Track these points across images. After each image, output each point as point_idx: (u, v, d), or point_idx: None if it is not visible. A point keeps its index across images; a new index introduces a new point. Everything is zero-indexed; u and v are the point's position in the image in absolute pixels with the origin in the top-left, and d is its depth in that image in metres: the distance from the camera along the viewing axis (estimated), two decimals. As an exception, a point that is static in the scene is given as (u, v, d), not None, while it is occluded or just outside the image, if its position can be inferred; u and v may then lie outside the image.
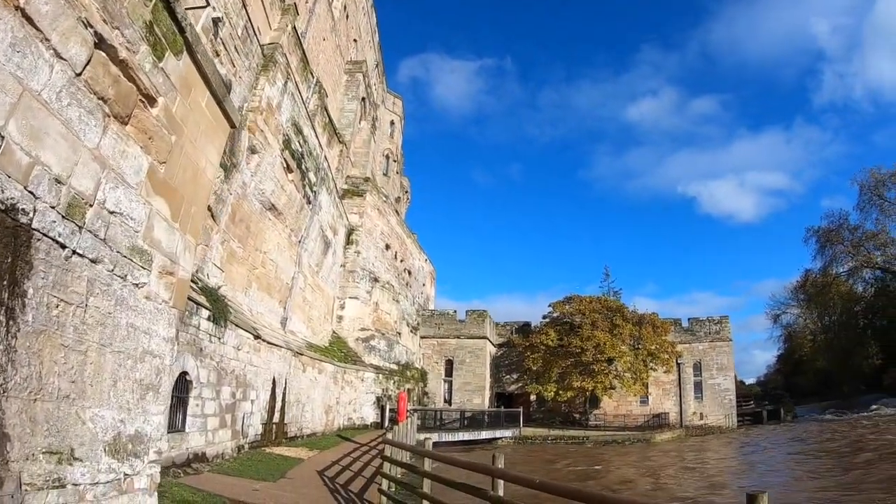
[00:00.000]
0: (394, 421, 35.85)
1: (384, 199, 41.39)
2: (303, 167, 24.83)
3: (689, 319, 53.71)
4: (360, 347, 36.40)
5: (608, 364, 46.60)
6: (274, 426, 20.96)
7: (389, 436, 13.44)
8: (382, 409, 35.85)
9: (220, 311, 15.50)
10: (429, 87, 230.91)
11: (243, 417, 17.78)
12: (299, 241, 25.72)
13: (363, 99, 44.92)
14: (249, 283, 20.61)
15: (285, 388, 22.22)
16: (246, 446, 18.21)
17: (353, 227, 36.86)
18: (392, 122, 55.76)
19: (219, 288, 16.84)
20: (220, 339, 15.62)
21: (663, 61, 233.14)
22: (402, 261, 45.21)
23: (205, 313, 14.63)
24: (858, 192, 72.01)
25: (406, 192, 64.79)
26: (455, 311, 52.53)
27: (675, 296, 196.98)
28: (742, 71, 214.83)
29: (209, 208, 16.62)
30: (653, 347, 47.39)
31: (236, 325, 17.11)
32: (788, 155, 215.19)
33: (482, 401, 49.69)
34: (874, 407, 56.93)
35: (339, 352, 33.06)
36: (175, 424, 13.21)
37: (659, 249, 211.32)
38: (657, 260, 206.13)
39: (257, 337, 19.00)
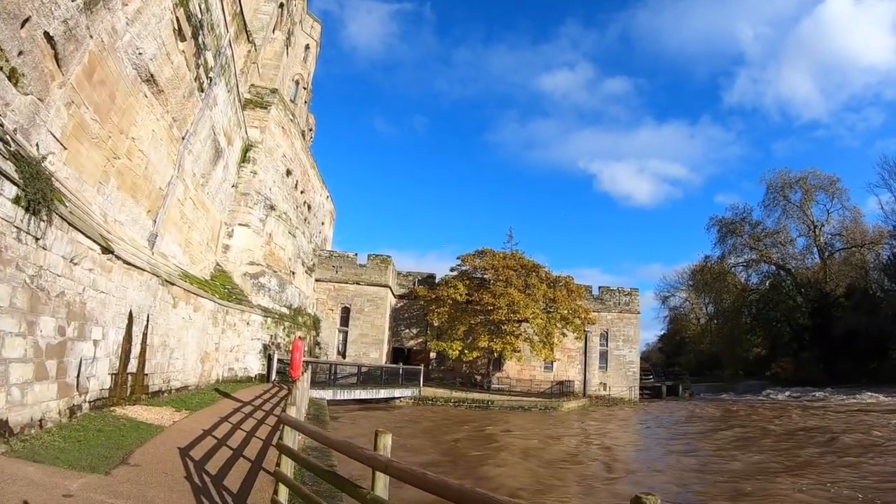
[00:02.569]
0: (283, 374, 30.48)
1: (291, 117, 34.83)
2: (199, 41, 18.45)
3: (599, 288, 51.23)
4: (247, 285, 30.15)
5: (518, 325, 42.90)
6: (129, 377, 14.97)
7: (292, 412, 8.32)
8: (270, 358, 30.20)
9: (41, 193, 9.42)
10: (340, 23, 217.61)
11: (80, 365, 11.80)
12: (183, 138, 19.28)
13: (281, 5, 38.09)
14: (106, 176, 14.33)
15: (147, 327, 16.19)
16: (85, 406, 12.34)
17: (251, 142, 30.22)
18: (307, 47, 48.50)
19: (51, 175, 10.70)
20: (37, 239, 9.61)
21: (583, 37, 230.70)
22: (302, 192, 38.81)
23: (8, 188, 8.70)
24: (766, 190, 76.81)
25: (311, 129, 57.20)
26: (356, 255, 46.96)
27: (564, 268, 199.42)
28: (659, 60, 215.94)
29: (47, 36, 10.45)
30: (566, 311, 44.21)
31: (72, 226, 11.05)
32: (690, 149, 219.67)
33: (380, 355, 44.85)
34: (767, 392, 58.99)
35: (221, 288, 26.82)
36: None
37: (553, 220, 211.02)
38: (551, 231, 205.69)
39: (107, 251, 12.93)
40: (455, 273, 49.03)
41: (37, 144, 10.55)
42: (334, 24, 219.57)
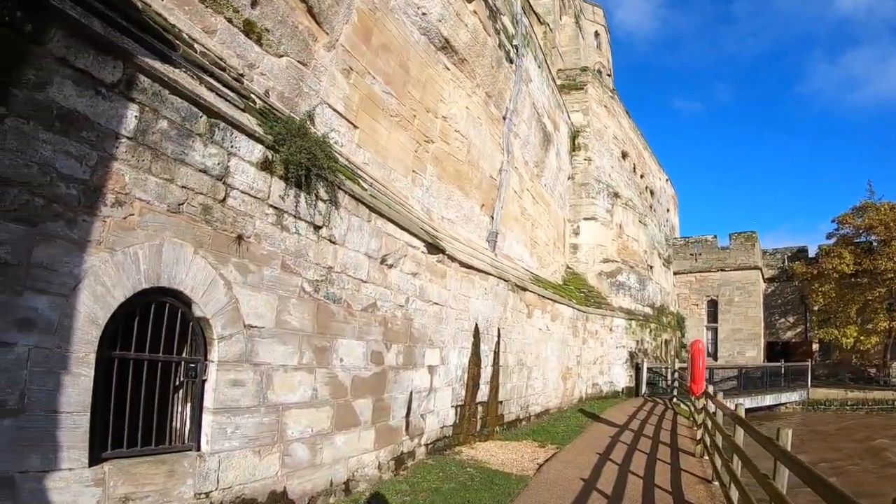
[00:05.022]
0: (653, 385, 25.57)
1: (611, 95, 30.33)
2: (491, 3, 15.27)
3: None
4: (603, 285, 25.91)
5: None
6: (479, 408, 11.74)
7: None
8: (637, 368, 25.44)
9: (308, 156, 6.33)
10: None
11: (410, 400, 8.77)
12: (504, 118, 16.10)
13: (560, -8, 34.58)
14: (421, 163, 11.48)
15: (498, 344, 12.90)
16: (419, 451, 9.23)
17: (578, 127, 26.43)
18: (596, 34, 43.90)
19: (326, 137, 7.80)
20: (316, 227, 6.70)
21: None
22: (641, 176, 33.58)
23: (247, 146, 5.82)
24: None
25: (621, 119, 52.12)
26: (715, 237, 40.11)
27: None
28: None
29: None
30: None
31: (377, 213, 8.06)
32: None
33: (757, 353, 37.12)
34: None
35: (576, 291, 23.11)
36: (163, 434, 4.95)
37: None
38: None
39: (435, 249, 9.94)
40: (833, 240, 38.85)
41: (308, 115, 7.66)
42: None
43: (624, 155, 30.39)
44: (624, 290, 27.04)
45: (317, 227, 6.75)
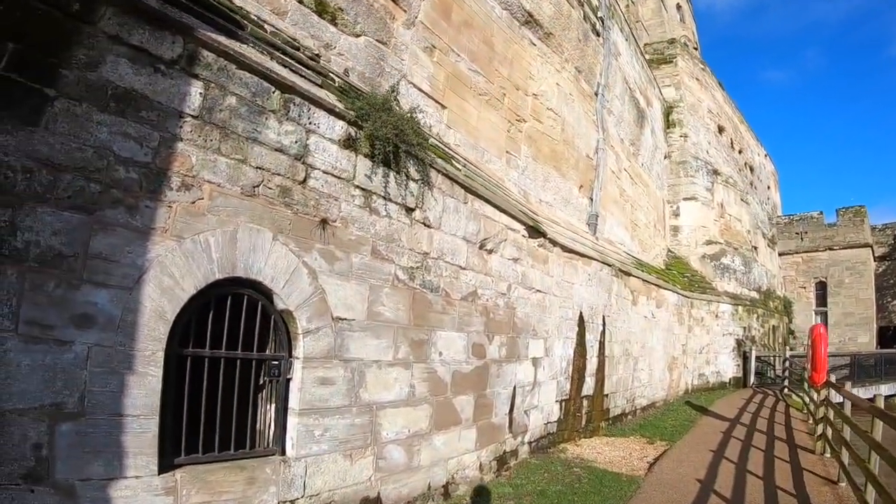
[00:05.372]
0: (762, 375, 23.89)
1: (702, 66, 28.47)
2: (570, -29, 14.30)
3: None
4: (707, 268, 24.14)
5: None
6: (584, 402, 10.89)
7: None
8: (745, 357, 23.55)
9: (396, 130, 5.72)
10: None
11: (513, 395, 8.06)
12: (596, 94, 15.09)
13: (637, -37, 32.63)
14: (514, 144, 10.71)
15: (604, 333, 11.97)
16: (523, 450, 8.53)
17: (671, 103, 24.85)
18: (678, 6, 41.24)
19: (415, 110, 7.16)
20: (409, 210, 6.12)
21: None
22: (740, 152, 31.26)
23: (326, 121, 5.24)
24: None
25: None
26: (821, 213, 37.17)
27: None
28: None
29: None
30: None
31: (473, 194, 7.38)
32: None
33: (869, 339, 34.03)
34: None
35: (679, 276, 21.68)
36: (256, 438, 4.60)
37: None
38: None
39: (537, 233, 9.20)
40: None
41: (391, 91, 7.02)
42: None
43: (720, 129, 28.54)
44: (729, 274, 25.24)
45: (409, 210, 6.13)
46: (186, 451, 4.13)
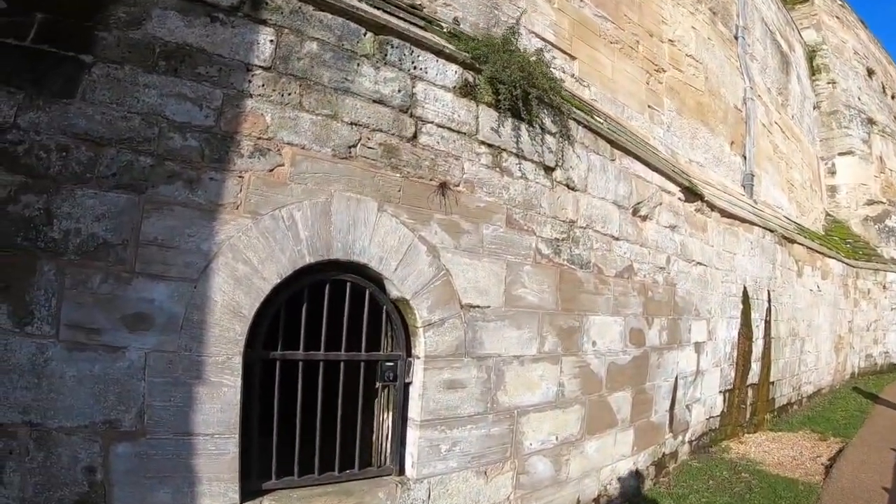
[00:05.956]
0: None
1: (840, 2, 24.97)
2: None
3: None
4: (870, 233, 20.88)
5: None
6: (748, 392, 9.24)
7: None
8: (918, 336, 20.45)
9: (523, 74, 4.57)
10: None
11: (674, 388, 6.76)
12: (735, 37, 13.11)
13: None
14: (655, 97, 9.23)
15: (769, 311, 10.24)
16: (682, 450, 7.18)
17: (812, 46, 21.77)
18: None
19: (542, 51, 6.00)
20: (549, 169, 4.93)
21: None
22: (893, 97, 27.42)
23: (434, 66, 4.14)
24: None
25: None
26: None
27: None
28: None
29: None
30: None
31: (621, 149, 6.08)
32: None
33: None
34: None
35: (841, 242, 18.97)
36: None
37: None
38: None
39: (694, 195, 7.82)
40: None
41: (510, 32, 5.89)
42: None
43: (870, 72, 24.88)
44: (895, 238, 22.05)
45: (548, 169, 4.97)
46: (278, 473, 3.32)
